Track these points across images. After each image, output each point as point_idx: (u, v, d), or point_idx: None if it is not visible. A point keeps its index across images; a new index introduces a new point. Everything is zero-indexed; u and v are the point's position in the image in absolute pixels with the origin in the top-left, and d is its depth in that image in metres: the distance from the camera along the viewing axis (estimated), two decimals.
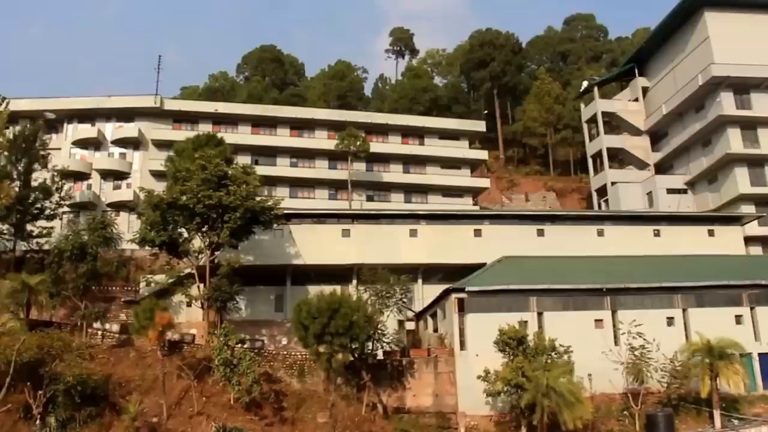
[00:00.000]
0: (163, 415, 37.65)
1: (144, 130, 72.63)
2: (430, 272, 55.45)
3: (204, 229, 46.72)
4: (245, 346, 42.36)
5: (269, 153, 75.45)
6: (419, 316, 52.59)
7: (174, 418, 37.86)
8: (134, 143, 72.59)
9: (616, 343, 43.91)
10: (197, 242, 47.97)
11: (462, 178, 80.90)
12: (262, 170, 59.76)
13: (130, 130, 72.37)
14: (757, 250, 64.53)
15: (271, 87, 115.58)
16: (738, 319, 47.02)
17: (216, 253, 47.64)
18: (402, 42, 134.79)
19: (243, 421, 37.78)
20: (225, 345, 39.64)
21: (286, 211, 51.99)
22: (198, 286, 46.85)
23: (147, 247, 48.49)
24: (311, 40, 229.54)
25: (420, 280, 55.02)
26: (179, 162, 48.28)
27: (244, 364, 38.70)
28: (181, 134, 66.79)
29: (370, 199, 76.34)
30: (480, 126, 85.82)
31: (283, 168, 75.32)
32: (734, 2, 71.28)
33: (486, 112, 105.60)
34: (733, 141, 66.97)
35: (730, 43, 68.77)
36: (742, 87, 68.35)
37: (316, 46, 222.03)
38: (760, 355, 46.48)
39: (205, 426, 37.25)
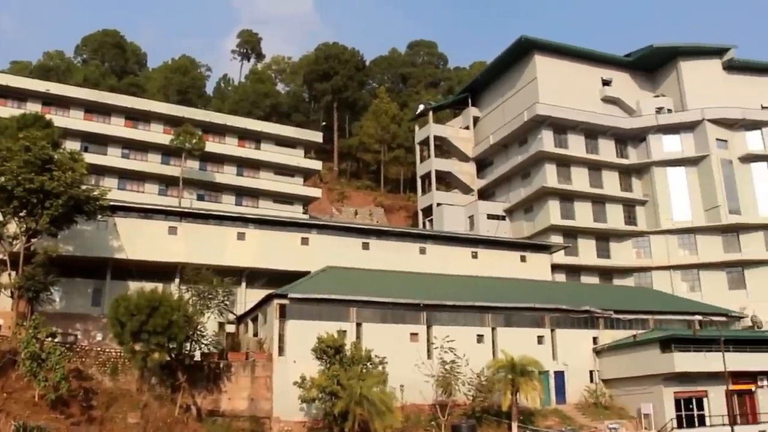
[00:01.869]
0: None
1: None
2: (254, 276, 55.54)
3: (21, 214, 44.00)
4: (56, 340, 40.15)
5: (100, 141, 72.19)
6: (240, 320, 52.43)
7: None
8: None
9: (429, 356, 46.03)
10: (12, 227, 45.10)
11: (294, 186, 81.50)
12: (91, 158, 58.05)
13: None
14: (561, 277, 70.15)
15: (110, 73, 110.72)
16: (540, 339, 51.27)
17: (33, 240, 45.16)
18: (249, 45, 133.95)
19: (47, 419, 35.67)
20: (34, 338, 37.38)
21: (112, 203, 50.32)
22: (9, 274, 44.12)
23: None
24: (159, 30, 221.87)
25: (244, 284, 54.95)
26: (1, 140, 45.40)
27: (53, 359, 36.70)
28: (5, 111, 62.47)
29: (200, 198, 75.13)
30: (317, 137, 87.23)
31: (113, 158, 72.31)
32: (562, 50, 77.65)
33: (324, 123, 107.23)
34: (549, 176, 72.28)
35: (555, 86, 74.61)
36: (561, 127, 73.96)
37: (162, 38, 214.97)
38: (555, 372, 51.00)
39: (3, 424, 34.89)
